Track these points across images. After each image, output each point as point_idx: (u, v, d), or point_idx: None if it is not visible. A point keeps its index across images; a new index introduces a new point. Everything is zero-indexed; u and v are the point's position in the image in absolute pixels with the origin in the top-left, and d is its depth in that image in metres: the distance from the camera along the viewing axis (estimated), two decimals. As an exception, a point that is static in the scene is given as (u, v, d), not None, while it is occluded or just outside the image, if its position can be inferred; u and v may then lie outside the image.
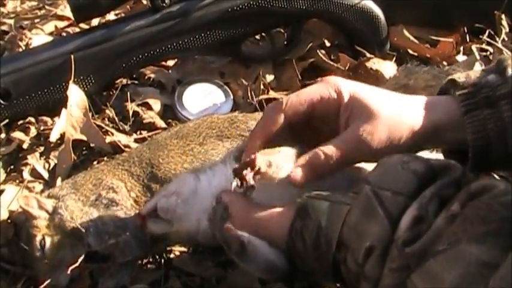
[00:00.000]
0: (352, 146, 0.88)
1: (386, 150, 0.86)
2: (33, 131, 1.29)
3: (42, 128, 1.29)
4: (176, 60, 1.48)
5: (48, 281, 0.99)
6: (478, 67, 1.42)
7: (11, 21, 1.65)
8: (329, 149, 0.88)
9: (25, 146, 1.26)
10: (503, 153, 0.89)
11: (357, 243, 0.78)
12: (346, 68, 1.38)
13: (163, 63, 1.47)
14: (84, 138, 1.25)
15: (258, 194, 0.92)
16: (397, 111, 0.89)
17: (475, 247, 0.69)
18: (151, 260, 1.07)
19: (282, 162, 0.88)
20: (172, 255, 1.07)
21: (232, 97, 1.37)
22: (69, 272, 0.99)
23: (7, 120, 1.29)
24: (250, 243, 0.86)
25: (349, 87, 0.91)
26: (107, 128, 1.29)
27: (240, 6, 1.37)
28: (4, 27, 1.64)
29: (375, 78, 1.32)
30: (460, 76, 0.94)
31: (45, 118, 1.31)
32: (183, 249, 1.07)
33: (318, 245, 0.82)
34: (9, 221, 1.09)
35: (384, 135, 0.87)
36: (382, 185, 0.79)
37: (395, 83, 1.18)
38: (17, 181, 1.19)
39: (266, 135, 0.92)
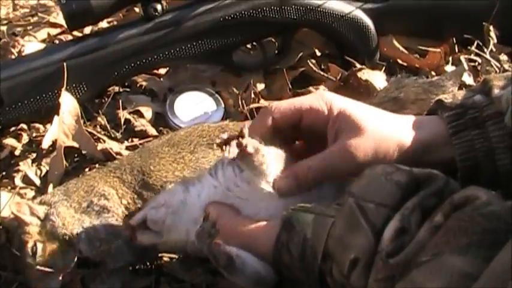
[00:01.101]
0: (338, 159, 0.90)
1: (371, 165, 0.87)
2: (25, 138, 1.30)
3: (34, 134, 1.30)
4: (168, 68, 1.49)
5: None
6: (467, 77, 1.44)
7: (4, 28, 1.66)
8: (313, 162, 0.91)
9: (17, 152, 1.27)
10: (492, 172, 0.90)
11: (341, 255, 0.80)
12: (337, 78, 1.39)
13: (155, 71, 1.48)
14: (76, 145, 1.25)
15: (245, 206, 0.94)
16: (384, 127, 0.91)
17: (458, 258, 0.70)
18: (142, 266, 1.07)
19: (270, 158, 0.90)
20: (162, 262, 1.07)
21: (223, 106, 1.38)
22: (60, 278, 1.00)
23: (-1, 127, 1.29)
24: (238, 257, 0.88)
25: (340, 104, 0.93)
26: (99, 135, 1.30)
27: (232, 15, 1.38)
28: (-4, 34, 1.65)
29: (365, 89, 1.34)
30: (446, 97, 0.95)
31: (37, 125, 1.32)
32: (173, 255, 1.08)
33: (304, 257, 0.84)
34: (0, 227, 1.09)
35: (370, 149, 0.89)
36: (366, 196, 0.80)
37: (385, 95, 1.19)
38: (9, 187, 1.20)
39: (258, 135, 0.92)
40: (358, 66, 1.40)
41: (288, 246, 0.85)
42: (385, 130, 0.91)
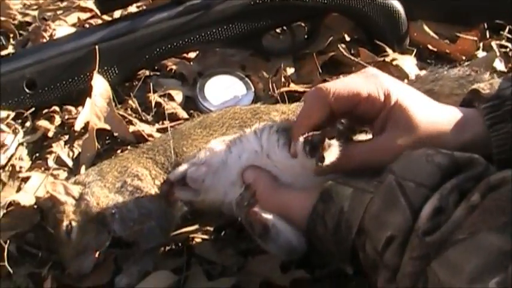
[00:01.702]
0: (381, 154, 0.89)
1: None
2: (57, 120, 1.31)
3: (66, 117, 1.31)
4: (198, 52, 1.49)
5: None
6: (498, 63, 1.43)
7: (35, 13, 1.68)
8: (357, 151, 0.90)
9: (50, 134, 1.28)
10: None
11: (377, 231, 0.80)
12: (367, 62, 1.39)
13: (185, 55, 1.48)
14: (107, 127, 1.27)
15: (282, 176, 0.94)
16: (433, 129, 0.89)
17: (495, 237, 0.70)
18: (174, 247, 1.08)
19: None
20: (194, 243, 1.08)
21: (253, 89, 1.38)
22: (94, 257, 1.01)
23: (33, 109, 1.31)
24: (273, 226, 0.89)
25: (397, 92, 0.90)
26: (130, 118, 1.31)
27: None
28: (27, 19, 1.67)
29: (396, 74, 1.33)
30: (484, 87, 0.94)
31: (69, 107, 1.33)
32: (205, 236, 1.08)
33: (338, 229, 0.84)
34: (35, 206, 1.11)
35: (412, 148, 0.87)
36: (406, 176, 0.80)
37: (420, 86, 1.17)
38: (42, 168, 1.21)
39: (312, 125, 0.90)
40: (389, 51, 1.39)
41: (323, 217, 0.86)
42: (433, 133, 0.89)
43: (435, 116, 0.91)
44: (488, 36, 1.52)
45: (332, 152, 0.86)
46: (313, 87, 0.92)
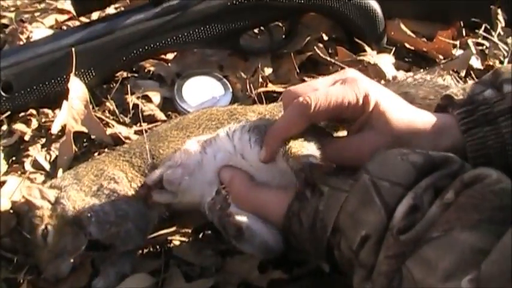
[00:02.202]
0: (353, 152, 0.91)
1: None
2: (34, 123, 1.30)
3: (43, 120, 1.31)
4: (175, 53, 1.49)
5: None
6: (474, 61, 1.44)
7: (12, 15, 1.67)
8: (331, 148, 0.91)
9: (27, 137, 1.28)
10: (504, 168, 0.89)
11: (352, 230, 0.80)
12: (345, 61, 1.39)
13: (163, 56, 1.48)
14: (85, 130, 1.26)
15: (260, 174, 0.95)
16: (409, 133, 0.91)
17: (469, 234, 0.71)
18: (151, 249, 1.08)
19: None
20: (172, 245, 1.08)
21: (231, 90, 1.38)
22: (71, 260, 1.01)
23: (9, 113, 1.30)
24: (247, 228, 0.90)
25: (375, 96, 0.91)
26: (108, 120, 1.30)
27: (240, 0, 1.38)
28: (4, 21, 1.66)
29: (374, 72, 1.33)
30: (456, 92, 0.94)
31: (46, 110, 1.32)
32: (183, 238, 1.08)
33: (314, 228, 0.85)
34: (11, 211, 1.10)
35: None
36: (381, 175, 0.81)
37: (397, 88, 1.17)
38: (19, 172, 1.20)
39: (288, 135, 0.91)
40: (368, 49, 1.40)
41: (299, 216, 0.86)
42: (409, 138, 0.90)
43: (412, 120, 0.92)
44: (464, 34, 1.53)
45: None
46: (296, 99, 0.91)
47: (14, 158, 1.25)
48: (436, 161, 0.81)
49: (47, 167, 1.23)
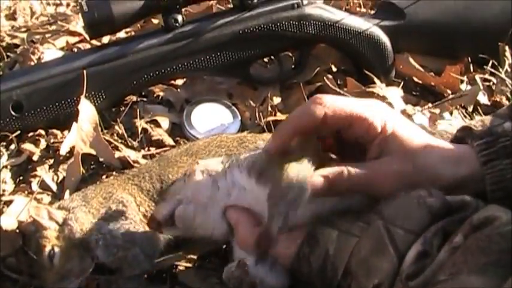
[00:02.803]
0: (378, 179, 0.87)
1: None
2: (43, 144, 1.30)
3: (52, 140, 1.30)
4: (185, 79, 1.50)
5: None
6: (481, 96, 1.45)
7: (23, 35, 1.68)
8: (355, 171, 0.87)
9: (35, 157, 1.27)
10: None
11: (364, 277, 0.79)
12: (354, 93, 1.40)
13: (173, 82, 1.49)
14: (93, 152, 1.26)
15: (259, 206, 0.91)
16: (429, 163, 0.89)
17: (475, 278, 0.70)
18: (157, 274, 1.07)
19: None
20: (177, 270, 1.07)
21: (239, 118, 1.39)
22: (77, 283, 1.01)
23: (18, 132, 1.30)
24: (261, 282, 0.90)
25: (393, 121, 0.90)
26: (116, 143, 1.30)
27: (251, 29, 1.40)
28: (16, 41, 1.67)
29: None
30: (475, 124, 0.94)
31: (55, 131, 1.32)
32: (188, 264, 1.08)
33: (324, 271, 0.84)
34: (17, 230, 1.09)
35: (409, 181, 0.87)
36: (396, 221, 0.80)
37: None
38: (26, 192, 1.20)
39: (301, 126, 0.88)
40: (377, 81, 1.41)
41: (308, 259, 0.85)
42: (429, 167, 0.88)
43: (430, 147, 0.90)
44: (472, 69, 1.54)
45: None
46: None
47: (21, 178, 1.25)
48: (452, 205, 0.81)
49: (54, 188, 1.22)
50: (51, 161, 1.27)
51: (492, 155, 0.89)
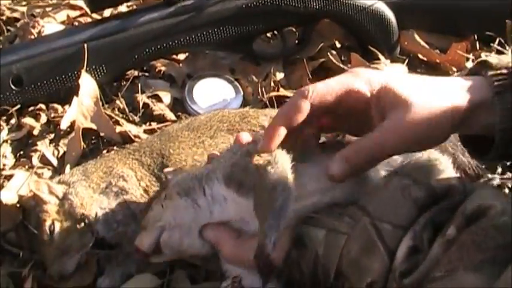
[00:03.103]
0: (393, 137, 0.82)
1: (425, 137, 0.81)
2: (43, 118, 1.29)
3: (52, 115, 1.29)
4: (187, 54, 1.48)
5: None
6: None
7: (23, 9, 1.66)
8: (364, 142, 0.83)
9: (35, 132, 1.27)
10: None
11: (357, 277, 0.78)
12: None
13: (174, 57, 1.47)
14: (94, 127, 1.25)
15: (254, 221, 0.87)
16: (434, 95, 0.82)
17: (473, 276, 0.69)
18: (157, 250, 1.07)
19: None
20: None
21: (242, 93, 1.38)
22: (77, 258, 1.00)
23: (18, 106, 1.29)
24: None
25: (379, 78, 0.85)
26: (117, 118, 1.29)
27: (255, 3, 1.38)
28: (16, 15, 1.65)
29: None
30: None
31: (55, 106, 1.31)
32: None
33: (315, 274, 0.82)
34: (18, 205, 1.09)
35: (423, 123, 0.81)
36: (382, 217, 0.78)
37: None
38: (26, 167, 1.19)
39: (288, 122, 0.85)
40: (381, 57, 1.39)
41: (298, 263, 0.83)
42: (435, 99, 0.81)
43: (433, 86, 0.84)
44: (478, 47, 1.52)
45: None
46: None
47: (21, 152, 1.24)
48: (438, 192, 0.79)
49: (55, 162, 1.22)
50: (52, 135, 1.27)
51: (505, 87, 0.83)
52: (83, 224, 1.01)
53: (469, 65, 1.47)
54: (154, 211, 0.93)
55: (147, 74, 1.45)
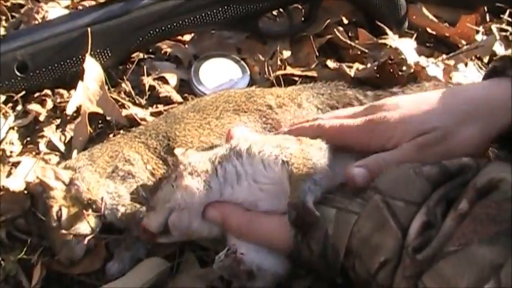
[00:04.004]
0: (415, 155, 0.86)
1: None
2: (49, 104, 1.28)
3: (58, 100, 1.29)
4: (193, 35, 1.46)
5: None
6: (498, 47, 1.41)
7: (27, -6, 1.65)
8: (390, 156, 0.87)
9: (41, 118, 1.26)
10: None
11: (369, 255, 0.77)
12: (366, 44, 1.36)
13: (180, 38, 1.46)
14: (100, 111, 1.24)
15: (268, 198, 0.89)
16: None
17: (487, 249, 0.68)
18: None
19: None
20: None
21: (249, 72, 1.36)
22: (85, 243, 1.00)
23: (24, 92, 1.29)
24: (258, 269, 0.87)
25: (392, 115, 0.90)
26: (123, 101, 1.28)
27: (260, -20, 1.35)
28: (20, 0, 1.64)
29: (394, 56, 1.30)
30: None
31: (61, 91, 1.30)
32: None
33: (325, 254, 0.81)
34: (25, 192, 1.09)
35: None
36: (394, 194, 0.77)
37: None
38: (33, 153, 1.19)
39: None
40: (389, 33, 1.36)
41: (308, 243, 0.82)
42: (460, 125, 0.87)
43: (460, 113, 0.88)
44: (488, 19, 1.49)
45: None
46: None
47: (28, 139, 1.23)
48: (451, 170, 0.78)
49: (62, 148, 1.21)
50: (58, 121, 1.26)
51: None
52: (90, 209, 1.00)
53: (479, 38, 1.44)
54: (164, 192, 0.93)
55: (152, 56, 1.43)
